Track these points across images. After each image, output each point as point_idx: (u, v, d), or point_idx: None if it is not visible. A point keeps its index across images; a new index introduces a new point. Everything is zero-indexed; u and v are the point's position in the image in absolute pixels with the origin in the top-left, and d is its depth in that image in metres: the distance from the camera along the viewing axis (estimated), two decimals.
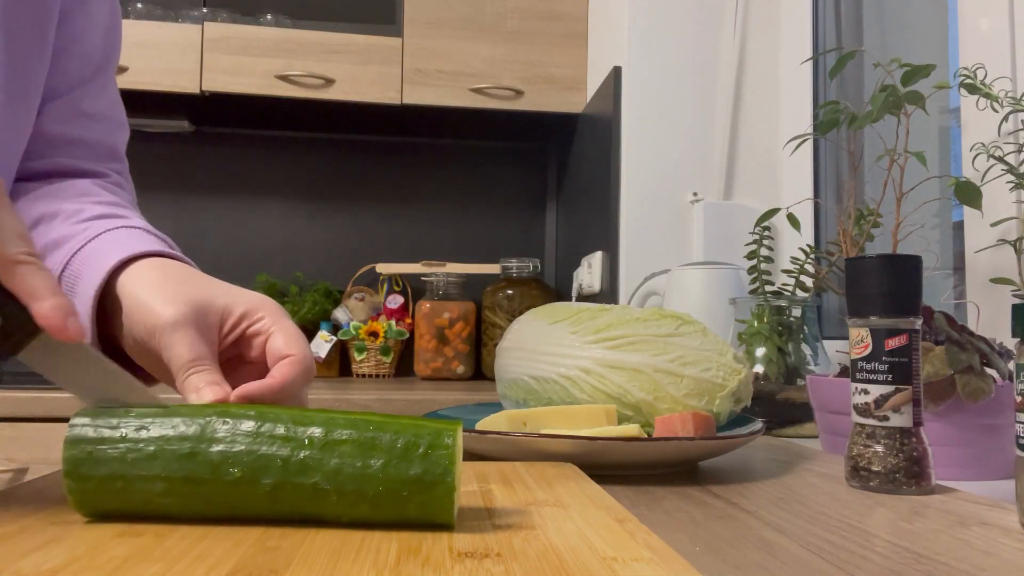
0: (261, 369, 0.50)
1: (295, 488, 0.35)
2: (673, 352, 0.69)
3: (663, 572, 0.30)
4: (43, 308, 0.38)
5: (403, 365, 2.06)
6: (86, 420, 0.38)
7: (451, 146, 2.20)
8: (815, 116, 1.48)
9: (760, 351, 1.01)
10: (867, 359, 0.58)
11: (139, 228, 0.59)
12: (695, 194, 1.56)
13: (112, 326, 0.54)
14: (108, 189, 0.69)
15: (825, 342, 1.06)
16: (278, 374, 0.48)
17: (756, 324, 1.03)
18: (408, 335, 2.00)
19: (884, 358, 0.57)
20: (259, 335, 0.51)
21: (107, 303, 0.53)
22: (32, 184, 0.67)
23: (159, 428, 0.37)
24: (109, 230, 0.58)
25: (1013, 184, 0.82)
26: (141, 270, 0.52)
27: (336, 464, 0.35)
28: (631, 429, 0.61)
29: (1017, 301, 0.53)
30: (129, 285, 0.51)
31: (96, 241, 0.56)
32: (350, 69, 1.82)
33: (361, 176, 2.17)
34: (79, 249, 0.56)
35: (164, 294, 0.49)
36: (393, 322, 1.98)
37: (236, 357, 0.52)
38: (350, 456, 0.36)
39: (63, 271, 0.56)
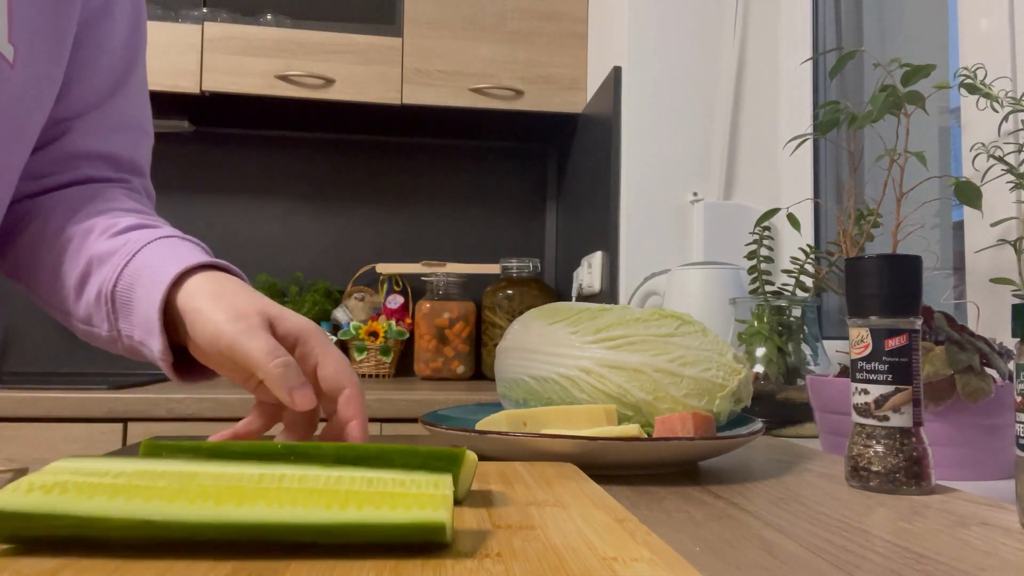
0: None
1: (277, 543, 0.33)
2: (673, 352, 0.69)
3: (663, 572, 0.30)
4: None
5: (403, 365, 2.06)
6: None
7: (451, 146, 2.20)
8: (815, 116, 1.48)
9: (760, 351, 1.01)
10: (867, 359, 0.58)
11: (175, 237, 0.63)
12: (695, 194, 1.56)
13: (175, 332, 0.58)
14: (132, 197, 0.71)
15: (825, 342, 1.06)
16: (353, 411, 0.54)
17: (756, 324, 1.03)
18: (408, 335, 2.00)
19: (884, 358, 0.57)
20: (306, 360, 0.55)
21: (168, 313, 0.57)
22: (59, 194, 0.68)
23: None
24: (148, 243, 0.61)
25: (1013, 184, 0.82)
26: (196, 284, 0.56)
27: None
28: (631, 429, 0.61)
29: (1017, 301, 0.53)
30: (187, 300, 0.56)
31: (140, 256, 0.60)
32: (350, 69, 1.82)
33: (361, 176, 2.17)
34: (126, 264, 0.59)
35: (226, 306, 0.54)
36: (393, 322, 1.98)
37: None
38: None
39: (115, 286, 0.59)
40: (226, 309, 0.53)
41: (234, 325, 0.52)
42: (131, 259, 0.59)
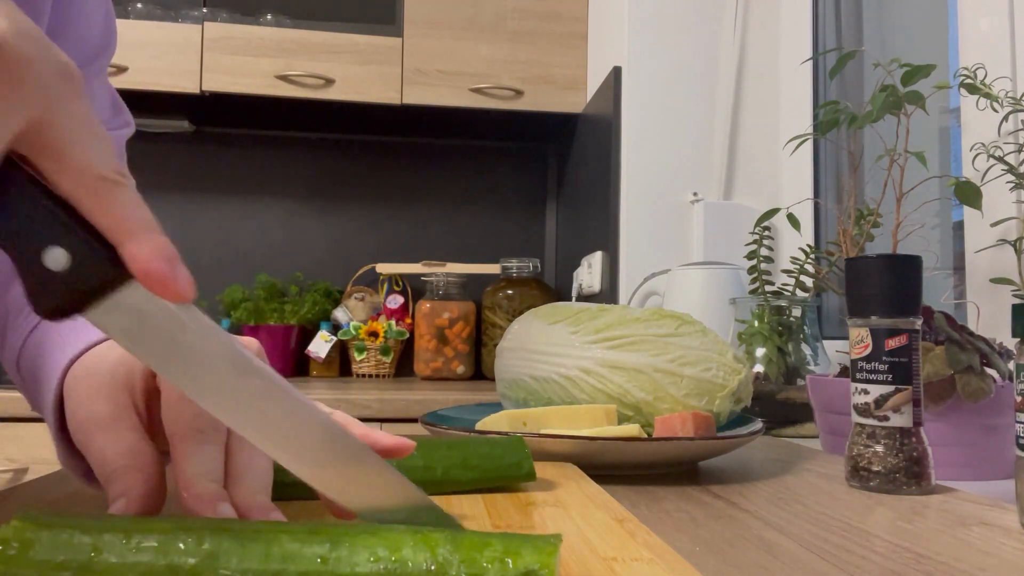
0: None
1: None
2: (673, 352, 0.69)
3: (663, 572, 0.30)
4: (140, 249, 0.27)
5: (403, 365, 2.06)
6: None
7: (451, 146, 2.20)
8: (815, 116, 1.48)
9: (760, 351, 1.01)
10: (867, 359, 0.58)
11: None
12: (695, 194, 1.56)
13: None
14: None
15: (825, 342, 1.06)
16: None
17: (756, 324, 1.03)
18: (408, 335, 2.00)
19: (884, 358, 0.57)
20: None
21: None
22: None
23: None
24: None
25: (1013, 184, 0.82)
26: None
27: None
28: (631, 429, 0.61)
29: (1017, 301, 0.53)
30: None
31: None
32: (350, 69, 1.82)
33: (361, 176, 2.17)
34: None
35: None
36: (393, 322, 1.98)
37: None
38: None
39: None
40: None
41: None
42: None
